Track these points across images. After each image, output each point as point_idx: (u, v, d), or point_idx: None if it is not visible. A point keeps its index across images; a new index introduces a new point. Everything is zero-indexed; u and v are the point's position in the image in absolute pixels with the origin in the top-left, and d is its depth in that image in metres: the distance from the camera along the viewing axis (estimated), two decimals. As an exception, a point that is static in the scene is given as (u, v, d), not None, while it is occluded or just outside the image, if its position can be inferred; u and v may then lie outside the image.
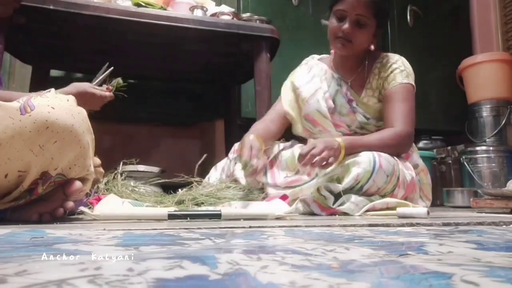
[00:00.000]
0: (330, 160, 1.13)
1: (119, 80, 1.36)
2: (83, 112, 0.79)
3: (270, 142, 1.42)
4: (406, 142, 1.28)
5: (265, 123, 1.44)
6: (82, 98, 1.14)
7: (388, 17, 1.33)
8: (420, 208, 1.03)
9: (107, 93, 1.30)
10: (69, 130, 0.73)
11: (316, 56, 1.53)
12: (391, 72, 1.34)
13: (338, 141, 1.17)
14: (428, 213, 0.98)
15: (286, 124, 1.48)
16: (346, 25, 1.28)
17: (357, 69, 1.40)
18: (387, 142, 1.23)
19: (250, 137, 1.26)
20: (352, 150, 1.20)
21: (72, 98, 0.80)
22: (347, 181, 1.13)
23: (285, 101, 1.47)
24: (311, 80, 1.44)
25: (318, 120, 1.39)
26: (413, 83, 1.35)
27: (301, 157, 1.13)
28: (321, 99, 1.39)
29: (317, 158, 1.10)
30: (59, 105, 0.74)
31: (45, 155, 0.72)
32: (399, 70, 1.33)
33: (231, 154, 1.51)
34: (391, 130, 1.27)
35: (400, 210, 1.04)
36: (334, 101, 1.39)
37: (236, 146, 1.51)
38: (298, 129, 1.46)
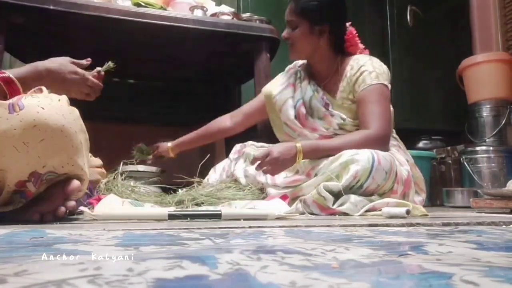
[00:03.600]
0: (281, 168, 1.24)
1: (110, 63, 1.21)
2: (75, 112, 0.79)
3: (218, 137, 1.68)
4: (379, 143, 1.26)
5: (220, 119, 1.66)
6: (60, 74, 1.04)
7: (324, 12, 1.37)
8: (401, 209, 1.04)
9: (92, 77, 1.11)
10: (59, 130, 0.72)
11: (299, 62, 1.55)
12: (360, 74, 1.34)
13: (296, 147, 1.23)
14: (407, 212, 1.01)
15: (249, 119, 1.61)
16: (284, 33, 1.43)
17: (329, 74, 1.43)
18: (356, 144, 1.22)
19: (169, 144, 1.63)
20: (315, 155, 1.25)
21: (64, 98, 0.79)
22: (346, 178, 1.14)
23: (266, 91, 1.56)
24: (285, 89, 1.49)
25: (294, 127, 1.44)
26: (385, 83, 1.34)
27: (254, 160, 1.24)
28: (290, 107, 1.44)
29: (267, 167, 1.22)
30: (50, 105, 0.73)
31: (30, 152, 0.71)
32: (368, 72, 1.33)
33: (232, 155, 1.51)
34: (362, 133, 1.27)
35: (384, 210, 1.06)
36: (310, 106, 1.42)
37: (238, 146, 1.52)
38: (281, 135, 1.52)
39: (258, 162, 1.24)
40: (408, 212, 1.02)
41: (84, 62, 1.12)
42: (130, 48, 1.86)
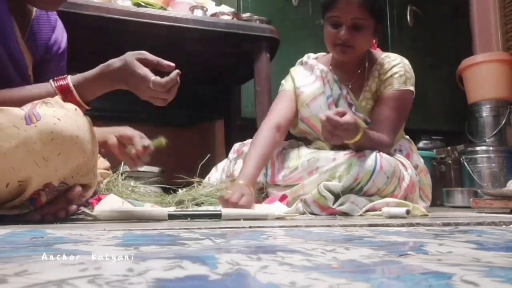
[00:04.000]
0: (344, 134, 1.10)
1: (162, 139, 1.07)
2: (88, 122, 0.79)
3: (274, 152, 1.37)
4: (385, 152, 1.24)
5: (271, 133, 1.31)
6: (123, 74, 0.87)
7: (384, 11, 1.29)
8: (401, 208, 1.04)
9: (155, 81, 0.88)
10: (74, 141, 0.73)
11: (311, 55, 1.48)
12: (391, 75, 1.30)
13: (359, 132, 1.13)
14: (407, 212, 1.02)
15: (292, 124, 1.43)
16: (343, 31, 1.23)
17: (357, 72, 1.36)
18: (379, 145, 1.21)
19: (241, 182, 1.14)
20: (365, 140, 1.16)
21: (79, 109, 0.79)
22: (347, 178, 1.13)
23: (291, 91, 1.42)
24: (313, 83, 1.39)
25: (318, 126, 1.34)
26: (412, 88, 1.31)
27: (327, 119, 1.08)
28: (324, 104, 1.34)
29: (338, 129, 1.08)
30: (65, 116, 0.73)
31: (49, 166, 0.72)
32: (398, 75, 1.30)
33: (231, 154, 1.51)
34: (384, 138, 1.23)
35: (384, 210, 1.06)
36: (336, 106, 1.33)
37: (236, 146, 1.51)
38: (293, 130, 1.45)
39: (332, 122, 1.08)
40: (408, 212, 1.02)
41: (155, 61, 0.91)
42: (130, 48, 1.85)
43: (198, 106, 2.40)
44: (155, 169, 1.69)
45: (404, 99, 1.30)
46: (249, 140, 1.45)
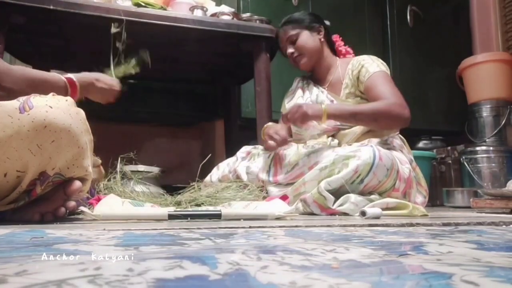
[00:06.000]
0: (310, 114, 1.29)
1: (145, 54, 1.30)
2: (81, 113, 0.79)
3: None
4: (399, 111, 1.30)
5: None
6: (95, 86, 1.15)
7: (312, 18, 1.54)
8: (375, 209, 1.06)
9: (116, 84, 1.24)
10: (67, 130, 0.73)
11: (297, 78, 1.68)
12: (362, 67, 1.42)
13: (322, 107, 1.30)
14: (382, 210, 1.05)
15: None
16: (288, 51, 1.52)
17: (330, 77, 1.53)
18: (379, 109, 1.29)
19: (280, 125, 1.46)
20: (340, 116, 1.32)
21: (70, 99, 0.80)
22: (346, 172, 1.14)
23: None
24: (295, 91, 1.60)
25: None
26: (387, 71, 1.42)
27: (284, 116, 1.35)
28: (301, 100, 1.52)
29: (297, 114, 1.29)
30: (57, 105, 0.74)
31: (43, 154, 0.72)
32: (368, 63, 1.42)
33: (240, 153, 1.53)
34: (384, 101, 1.31)
35: (367, 210, 1.08)
36: (317, 102, 1.48)
37: (248, 147, 1.54)
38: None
39: (290, 113, 1.31)
40: (381, 210, 1.04)
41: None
42: (130, 48, 1.86)
43: (198, 106, 2.40)
44: (155, 169, 1.69)
45: (385, 76, 1.39)
46: (260, 146, 1.49)
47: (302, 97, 1.55)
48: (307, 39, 1.50)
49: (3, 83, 0.92)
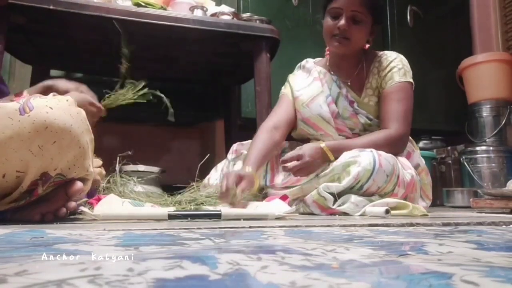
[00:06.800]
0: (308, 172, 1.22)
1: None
2: (81, 113, 0.79)
3: (275, 153, 1.41)
4: (399, 144, 1.28)
5: (269, 133, 1.36)
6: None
7: (383, 13, 1.33)
8: (380, 208, 1.06)
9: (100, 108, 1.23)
10: (68, 130, 0.73)
11: (310, 60, 1.52)
12: (389, 71, 1.34)
13: (322, 148, 1.22)
14: (387, 211, 1.03)
15: (291, 127, 1.47)
16: (342, 22, 1.27)
17: (355, 70, 1.40)
18: (378, 144, 1.23)
19: (248, 169, 1.20)
20: (339, 154, 1.22)
21: (71, 99, 0.80)
22: (347, 180, 1.13)
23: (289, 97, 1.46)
24: (311, 83, 1.43)
25: (319, 125, 1.39)
26: (411, 80, 1.35)
27: (283, 162, 1.21)
28: (323, 103, 1.37)
29: (297, 170, 1.20)
30: (58, 106, 0.74)
31: (45, 155, 0.72)
32: (397, 68, 1.34)
33: (230, 155, 1.51)
34: (384, 132, 1.27)
35: (367, 209, 1.09)
36: (336, 105, 1.38)
37: (235, 146, 1.51)
38: (294, 132, 1.48)
39: (288, 164, 1.21)
40: (387, 211, 1.03)
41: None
42: (130, 48, 1.85)
43: (198, 106, 2.40)
44: (155, 169, 1.69)
45: (406, 90, 1.33)
46: (249, 141, 1.46)
47: (322, 92, 1.39)
48: (365, 32, 1.33)
49: None
